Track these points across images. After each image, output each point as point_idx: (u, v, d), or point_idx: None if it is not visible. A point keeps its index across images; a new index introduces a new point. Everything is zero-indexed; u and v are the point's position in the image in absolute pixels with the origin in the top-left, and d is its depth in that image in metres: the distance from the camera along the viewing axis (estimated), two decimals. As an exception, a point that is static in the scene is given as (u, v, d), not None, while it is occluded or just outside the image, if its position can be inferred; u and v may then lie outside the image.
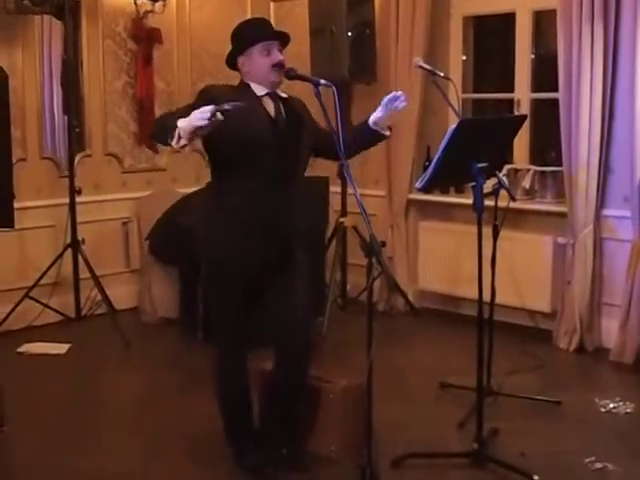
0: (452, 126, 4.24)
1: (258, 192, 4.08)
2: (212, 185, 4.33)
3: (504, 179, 4.93)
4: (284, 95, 4.27)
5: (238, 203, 4.10)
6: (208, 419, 4.81)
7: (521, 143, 6.74)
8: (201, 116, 3.65)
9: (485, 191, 4.34)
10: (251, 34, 4.18)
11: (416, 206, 7.40)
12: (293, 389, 4.38)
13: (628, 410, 5.17)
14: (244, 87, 4.20)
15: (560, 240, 6.44)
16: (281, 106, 4.21)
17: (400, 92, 4.37)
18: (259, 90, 4.17)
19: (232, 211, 4.12)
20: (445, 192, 7.19)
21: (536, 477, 4.18)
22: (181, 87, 7.87)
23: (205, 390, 4.91)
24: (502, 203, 5.00)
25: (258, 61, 4.14)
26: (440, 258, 7.13)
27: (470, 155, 4.29)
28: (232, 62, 4.25)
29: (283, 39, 4.23)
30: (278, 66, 4.14)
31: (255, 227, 4.07)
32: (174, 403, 5.41)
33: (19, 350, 6.38)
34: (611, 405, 5.23)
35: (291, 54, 4.27)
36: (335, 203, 7.33)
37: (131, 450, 4.72)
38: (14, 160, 6.62)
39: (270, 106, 4.18)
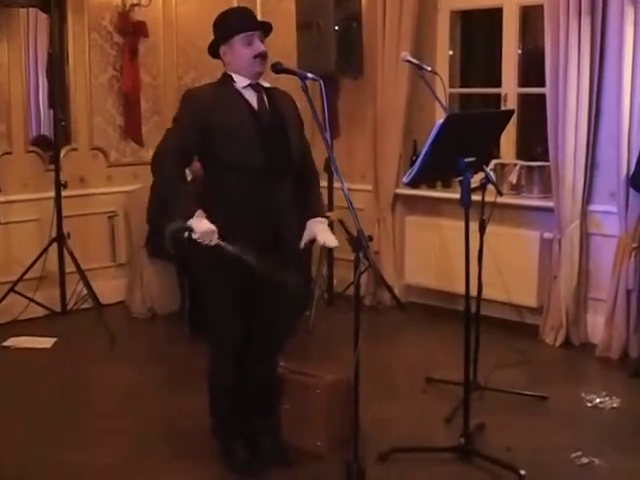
0: (439, 120, 4.23)
1: (247, 188, 4.05)
2: (203, 182, 4.31)
3: (491, 174, 4.93)
4: (267, 85, 4.23)
5: (228, 200, 4.06)
6: (194, 414, 4.81)
7: (508, 138, 6.73)
8: (207, 242, 3.94)
9: (472, 186, 4.33)
10: (233, 24, 4.15)
11: (403, 200, 7.40)
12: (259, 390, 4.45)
13: (614, 405, 5.18)
14: (226, 81, 4.18)
15: (547, 235, 6.44)
16: (265, 97, 4.19)
17: None
18: (241, 82, 4.14)
19: (222, 208, 4.06)
20: (432, 187, 7.18)
21: (523, 472, 4.18)
22: (167, 81, 7.83)
23: (191, 385, 4.89)
24: (489, 198, 5.01)
25: (239, 52, 4.11)
26: (427, 253, 7.12)
27: (457, 150, 4.27)
28: (214, 51, 4.23)
29: (265, 29, 4.21)
30: (260, 56, 4.11)
31: (246, 225, 4.04)
32: (160, 398, 5.39)
33: (4, 344, 6.36)
34: (597, 400, 5.23)
35: (278, 48, 4.25)
36: (321, 197, 7.31)
37: (116, 445, 4.70)
38: None
39: (253, 98, 4.15)
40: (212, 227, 3.94)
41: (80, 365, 6.11)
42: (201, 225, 3.93)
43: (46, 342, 6.41)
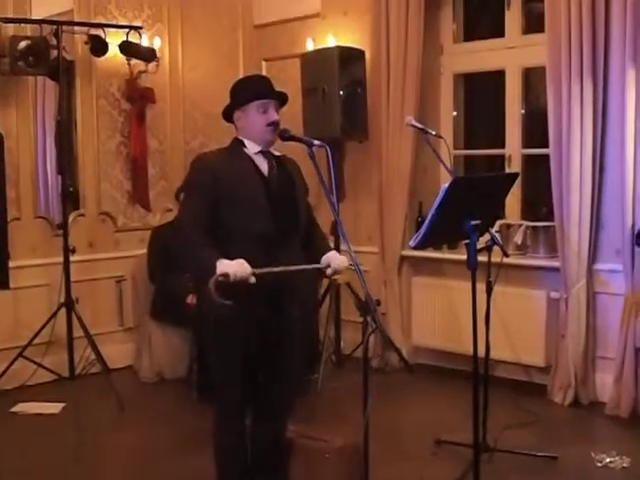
0: (445, 185, 4.27)
1: (256, 253, 4.01)
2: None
3: (497, 236, 4.96)
4: (277, 153, 4.27)
5: None
6: (203, 478, 4.79)
7: (513, 198, 6.77)
8: (246, 275, 3.84)
9: (478, 247, 4.35)
10: (250, 90, 4.18)
11: (409, 262, 7.42)
12: (267, 452, 4.40)
13: (625, 465, 5.14)
14: (237, 146, 4.20)
15: (553, 295, 6.45)
16: (275, 164, 4.22)
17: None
18: (253, 147, 4.17)
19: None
20: (438, 248, 7.20)
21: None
22: (174, 146, 7.93)
23: (200, 450, 4.87)
24: (495, 259, 5.03)
25: (253, 118, 4.15)
26: (434, 314, 7.13)
27: (463, 213, 4.31)
28: (229, 115, 4.27)
29: (281, 99, 4.26)
30: (273, 125, 4.16)
31: (253, 290, 4.00)
32: (169, 462, 5.37)
33: (13, 410, 6.35)
34: (607, 459, 5.20)
35: (283, 113, 4.28)
36: (328, 259, 7.33)
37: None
38: (8, 219, 6.66)
39: (263, 164, 4.17)
40: (238, 260, 3.87)
41: (89, 430, 6.10)
42: (229, 265, 3.84)
43: (54, 407, 6.40)
